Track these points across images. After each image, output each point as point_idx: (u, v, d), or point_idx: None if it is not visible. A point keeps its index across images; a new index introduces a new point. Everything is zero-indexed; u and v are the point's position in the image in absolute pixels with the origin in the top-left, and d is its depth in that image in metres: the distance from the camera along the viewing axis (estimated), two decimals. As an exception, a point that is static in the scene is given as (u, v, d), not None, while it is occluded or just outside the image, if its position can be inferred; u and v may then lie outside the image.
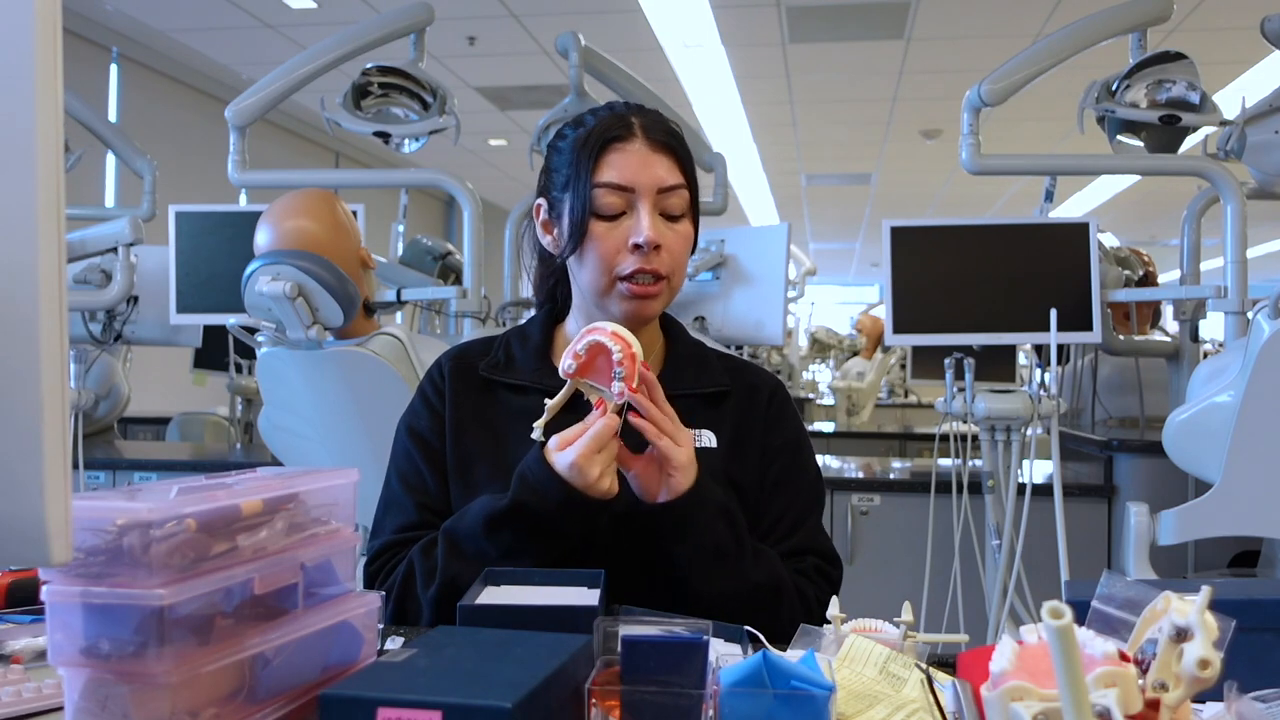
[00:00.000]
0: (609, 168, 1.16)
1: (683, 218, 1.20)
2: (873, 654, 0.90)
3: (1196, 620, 0.58)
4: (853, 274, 17.23)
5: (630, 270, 1.16)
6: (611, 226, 1.16)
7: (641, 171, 1.16)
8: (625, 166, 1.16)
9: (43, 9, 0.54)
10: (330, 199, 1.95)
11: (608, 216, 1.16)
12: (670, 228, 1.18)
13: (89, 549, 0.64)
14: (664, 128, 1.20)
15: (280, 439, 2.15)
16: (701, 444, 1.21)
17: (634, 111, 1.21)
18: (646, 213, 1.15)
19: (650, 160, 1.17)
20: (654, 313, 1.21)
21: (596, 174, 1.16)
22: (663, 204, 1.17)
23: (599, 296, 1.19)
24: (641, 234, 1.15)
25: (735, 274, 3.12)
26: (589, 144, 1.17)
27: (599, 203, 1.16)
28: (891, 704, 0.83)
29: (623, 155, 1.16)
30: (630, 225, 1.16)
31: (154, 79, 6.40)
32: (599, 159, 1.16)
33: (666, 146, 1.19)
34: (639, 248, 1.15)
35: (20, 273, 0.54)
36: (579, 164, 1.17)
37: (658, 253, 1.16)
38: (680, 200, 1.19)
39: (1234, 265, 2.44)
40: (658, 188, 1.17)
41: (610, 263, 1.16)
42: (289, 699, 0.74)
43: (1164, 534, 2.04)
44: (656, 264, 1.16)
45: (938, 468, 2.93)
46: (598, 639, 0.77)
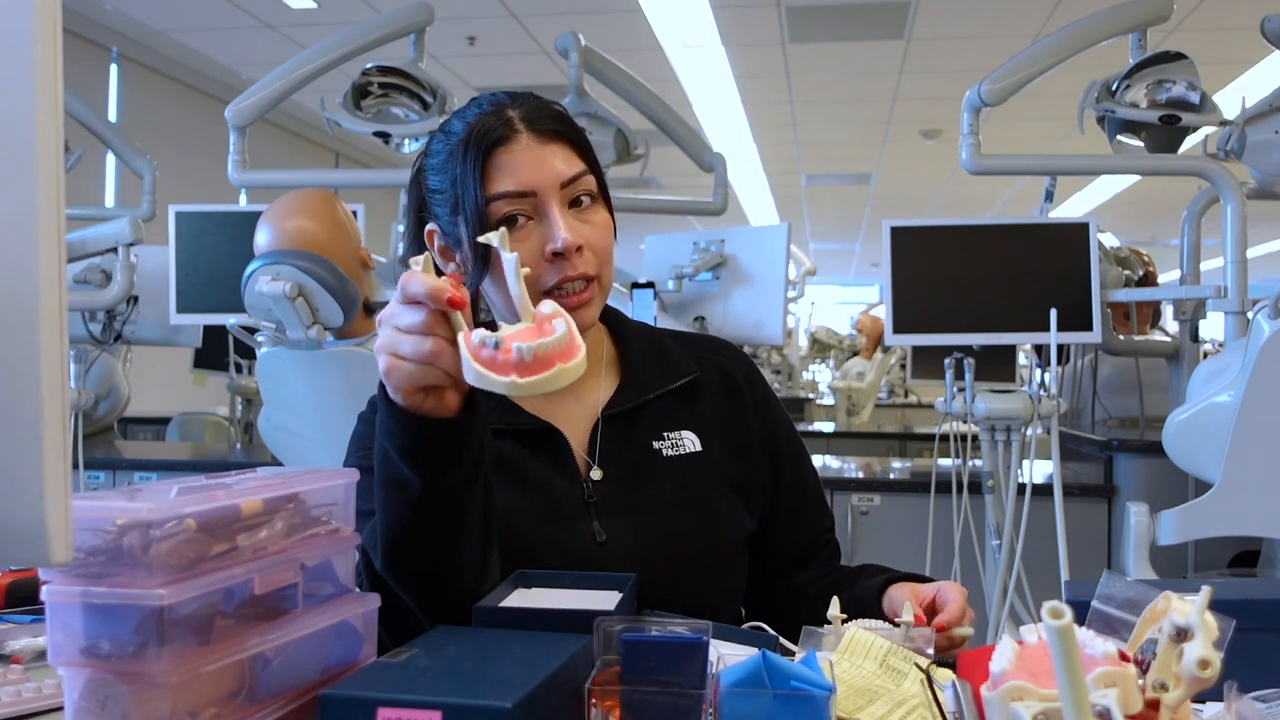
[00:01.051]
0: (499, 174, 1.01)
1: (595, 205, 1.06)
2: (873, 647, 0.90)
3: (1196, 620, 0.58)
4: (853, 274, 17.23)
5: (555, 281, 1.02)
6: (520, 240, 1.01)
7: (538, 170, 1.01)
8: (517, 169, 1.01)
9: (43, 9, 0.54)
10: (330, 199, 1.95)
11: (513, 230, 1.01)
12: (585, 221, 1.05)
13: (89, 549, 0.64)
14: (549, 112, 1.06)
15: (280, 439, 2.15)
16: (684, 451, 1.12)
17: (508, 103, 1.05)
18: (557, 213, 1.01)
19: (543, 155, 1.02)
20: (592, 319, 1.08)
21: (487, 185, 1.01)
22: (569, 197, 1.03)
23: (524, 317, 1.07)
24: (559, 239, 1.00)
25: (735, 274, 3.12)
26: (469, 152, 1.01)
27: (499, 215, 1.01)
28: (891, 699, 0.82)
29: (511, 156, 1.01)
30: (542, 232, 1.02)
31: (154, 79, 6.40)
32: (485, 167, 1.01)
33: (556, 134, 1.04)
34: (559, 255, 1.01)
35: (20, 273, 0.54)
36: (463, 178, 1.02)
37: (580, 254, 1.02)
38: (587, 187, 1.05)
39: (1234, 265, 2.44)
40: (560, 182, 1.02)
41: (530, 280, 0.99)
42: (289, 699, 0.74)
43: (1164, 534, 2.04)
44: (583, 267, 1.03)
45: (938, 468, 2.93)
46: (598, 639, 0.77)
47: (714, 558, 1.11)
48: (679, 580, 1.07)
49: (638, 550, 1.07)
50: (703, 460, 1.13)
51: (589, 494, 1.09)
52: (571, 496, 1.09)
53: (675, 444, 1.13)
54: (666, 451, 1.12)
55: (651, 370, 1.15)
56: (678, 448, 1.12)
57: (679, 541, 1.09)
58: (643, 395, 1.13)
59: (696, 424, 1.15)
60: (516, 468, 1.09)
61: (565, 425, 1.12)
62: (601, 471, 1.10)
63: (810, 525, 1.22)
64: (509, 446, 1.09)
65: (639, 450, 1.12)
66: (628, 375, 1.15)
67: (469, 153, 1.02)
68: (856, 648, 0.90)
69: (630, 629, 0.75)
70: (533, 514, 1.07)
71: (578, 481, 1.10)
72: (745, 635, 0.95)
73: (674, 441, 1.13)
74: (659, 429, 1.13)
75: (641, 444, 1.12)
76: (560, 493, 1.08)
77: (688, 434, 1.14)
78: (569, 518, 1.08)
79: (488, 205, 1.01)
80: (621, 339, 1.18)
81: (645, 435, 1.13)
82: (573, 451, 1.11)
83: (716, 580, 1.12)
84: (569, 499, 1.08)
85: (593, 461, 1.11)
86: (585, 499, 1.09)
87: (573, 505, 1.08)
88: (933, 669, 0.84)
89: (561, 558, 1.04)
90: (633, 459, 1.11)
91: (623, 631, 0.74)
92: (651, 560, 1.06)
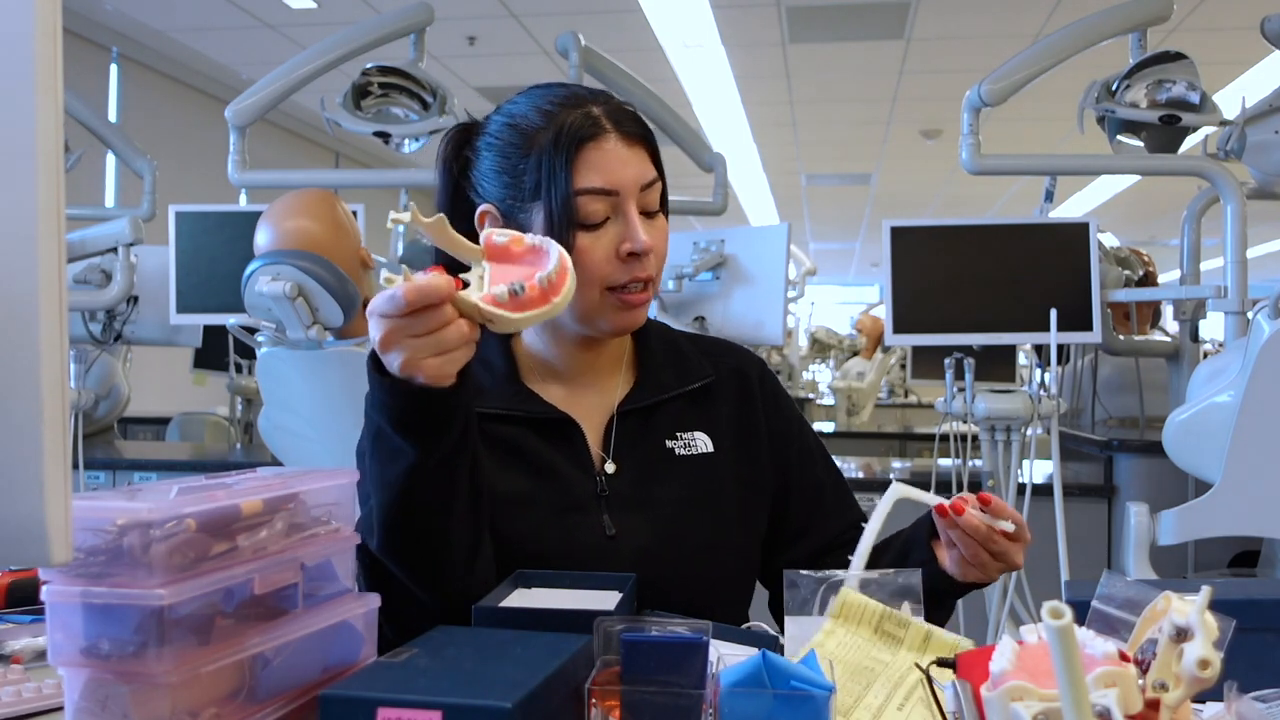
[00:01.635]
0: (588, 170, 1.03)
1: (659, 212, 1.10)
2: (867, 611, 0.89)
3: (1196, 620, 0.58)
4: (853, 274, 17.23)
5: (623, 281, 1.05)
6: (596, 236, 1.04)
7: (622, 171, 1.04)
8: (605, 168, 1.03)
9: (43, 9, 0.54)
10: (330, 199, 1.95)
11: (591, 226, 1.03)
12: (654, 225, 1.08)
13: (89, 549, 0.65)
14: (630, 115, 1.09)
15: (280, 439, 2.15)
16: (697, 451, 1.14)
17: (589, 99, 1.08)
18: (635, 216, 1.04)
19: (628, 157, 1.05)
20: (642, 320, 1.11)
21: (576, 179, 1.03)
22: (644, 201, 1.07)
23: (585, 311, 1.07)
24: (638, 241, 1.03)
25: (735, 274, 3.11)
26: (560, 144, 1.03)
27: (583, 211, 1.03)
28: (889, 681, 0.82)
29: (600, 154, 1.04)
30: (617, 232, 1.04)
31: (154, 79, 6.40)
32: (574, 161, 1.03)
33: (639, 138, 1.07)
34: (634, 255, 1.04)
35: (20, 273, 0.54)
36: (552, 168, 1.03)
37: (649, 257, 1.06)
38: (656, 194, 1.08)
39: (1234, 265, 2.44)
40: (640, 185, 1.05)
41: (599, 275, 1.04)
42: (289, 699, 0.74)
43: (1164, 534, 2.04)
44: (649, 269, 1.06)
45: (938, 468, 2.93)
46: (598, 639, 0.77)
47: (722, 557, 1.12)
48: (686, 578, 1.08)
49: (647, 545, 1.08)
50: (714, 462, 1.14)
51: (601, 487, 1.10)
52: (584, 488, 1.09)
53: (688, 444, 1.14)
54: (679, 450, 1.13)
55: (668, 371, 1.17)
56: (690, 448, 1.13)
57: (688, 539, 1.09)
58: (658, 395, 1.14)
59: (710, 426, 1.16)
60: (531, 455, 1.10)
61: (581, 418, 1.13)
62: (615, 465, 1.11)
63: (830, 524, 1.20)
64: (524, 434, 1.10)
65: (652, 447, 1.13)
66: (644, 375, 1.16)
67: (559, 145, 1.03)
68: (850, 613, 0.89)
69: (630, 629, 0.75)
70: (545, 502, 1.08)
71: (591, 474, 1.10)
72: (745, 635, 0.95)
73: (687, 442, 1.14)
74: (673, 429, 1.14)
75: (655, 441, 1.13)
76: (573, 483, 1.09)
77: (701, 435, 1.15)
78: (580, 509, 1.08)
79: (575, 198, 1.03)
80: (641, 339, 1.20)
81: (659, 433, 1.14)
82: (588, 443, 1.11)
83: (723, 579, 1.13)
84: (581, 490, 1.09)
85: (607, 455, 1.12)
86: (598, 492, 1.09)
87: (584, 496, 1.09)
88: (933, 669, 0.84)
89: (571, 549, 1.05)
90: (646, 455, 1.12)
91: (623, 631, 0.74)
92: (660, 556, 1.07)
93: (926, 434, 5.12)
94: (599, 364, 1.16)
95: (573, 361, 1.15)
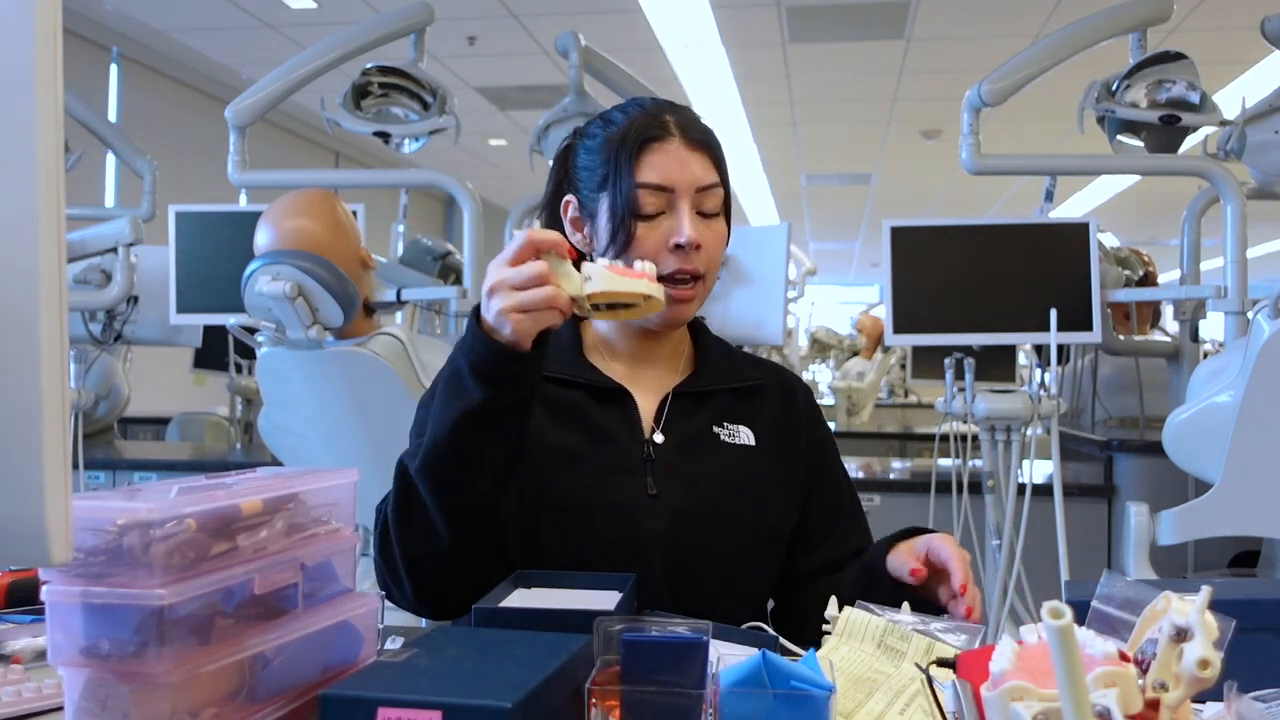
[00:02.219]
0: (649, 168, 1.16)
1: (718, 216, 1.20)
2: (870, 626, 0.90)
3: (1196, 620, 0.58)
4: (853, 274, 17.23)
5: (670, 271, 1.16)
6: (651, 227, 1.16)
7: (680, 171, 1.16)
8: (664, 166, 1.16)
9: (43, 9, 0.54)
10: (330, 199, 1.95)
11: (648, 216, 1.16)
12: (708, 226, 1.19)
13: (89, 549, 0.64)
14: (699, 125, 1.21)
15: (280, 439, 2.15)
16: (739, 441, 1.22)
17: (667, 109, 1.21)
18: (686, 212, 1.16)
19: (688, 159, 1.17)
20: (690, 314, 1.22)
21: (637, 174, 1.16)
22: (700, 203, 1.18)
23: None
24: (683, 234, 1.15)
25: (735, 274, 3.11)
26: (626, 143, 1.16)
27: (641, 203, 1.15)
28: (890, 690, 0.82)
29: (661, 155, 1.16)
30: (670, 225, 1.16)
31: (154, 79, 6.40)
32: (638, 159, 1.16)
33: (703, 145, 1.19)
34: (680, 248, 1.15)
35: (20, 273, 0.54)
36: (617, 163, 1.16)
37: (697, 252, 1.17)
38: (716, 199, 1.19)
39: (1234, 265, 2.43)
40: (696, 187, 1.17)
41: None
42: (289, 699, 0.74)
43: (1164, 534, 2.04)
44: (695, 263, 1.17)
45: (938, 468, 2.93)
46: (598, 639, 0.77)
47: (753, 537, 1.20)
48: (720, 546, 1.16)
49: (686, 508, 1.15)
50: (755, 454, 1.22)
51: (648, 453, 1.18)
52: (632, 452, 1.18)
53: (733, 434, 1.23)
54: (724, 437, 1.22)
55: (722, 368, 1.28)
56: (734, 437, 1.23)
57: (725, 512, 1.17)
58: (711, 384, 1.25)
59: (753, 422, 1.25)
60: (585, 416, 1.20)
61: (638, 393, 1.22)
62: (664, 437, 1.20)
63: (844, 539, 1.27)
64: (583, 399, 1.21)
65: (700, 429, 1.22)
66: (701, 366, 1.27)
67: (627, 141, 1.17)
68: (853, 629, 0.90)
69: (630, 629, 0.75)
70: (595, 460, 1.17)
71: (640, 440, 1.19)
72: (745, 635, 0.95)
73: (732, 432, 1.23)
74: (720, 418, 1.23)
75: (703, 425, 1.22)
76: (621, 445, 1.19)
77: (745, 429, 1.24)
78: (626, 469, 1.17)
79: (635, 190, 1.15)
80: (700, 341, 1.31)
81: (707, 418, 1.23)
82: (640, 415, 1.20)
83: (750, 561, 1.20)
84: (629, 453, 1.18)
85: (657, 427, 1.21)
86: (644, 456, 1.18)
87: (632, 459, 1.18)
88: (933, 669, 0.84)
89: (613, 502, 1.14)
90: (693, 434, 1.21)
91: (623, 631, 0.74)
92: (697, 518, 1.15)
93: (926, 434, 5.12)
94: (658, 352, 1.26)
95: (633, 347, 1.26)
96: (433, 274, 3.26)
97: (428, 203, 10.59)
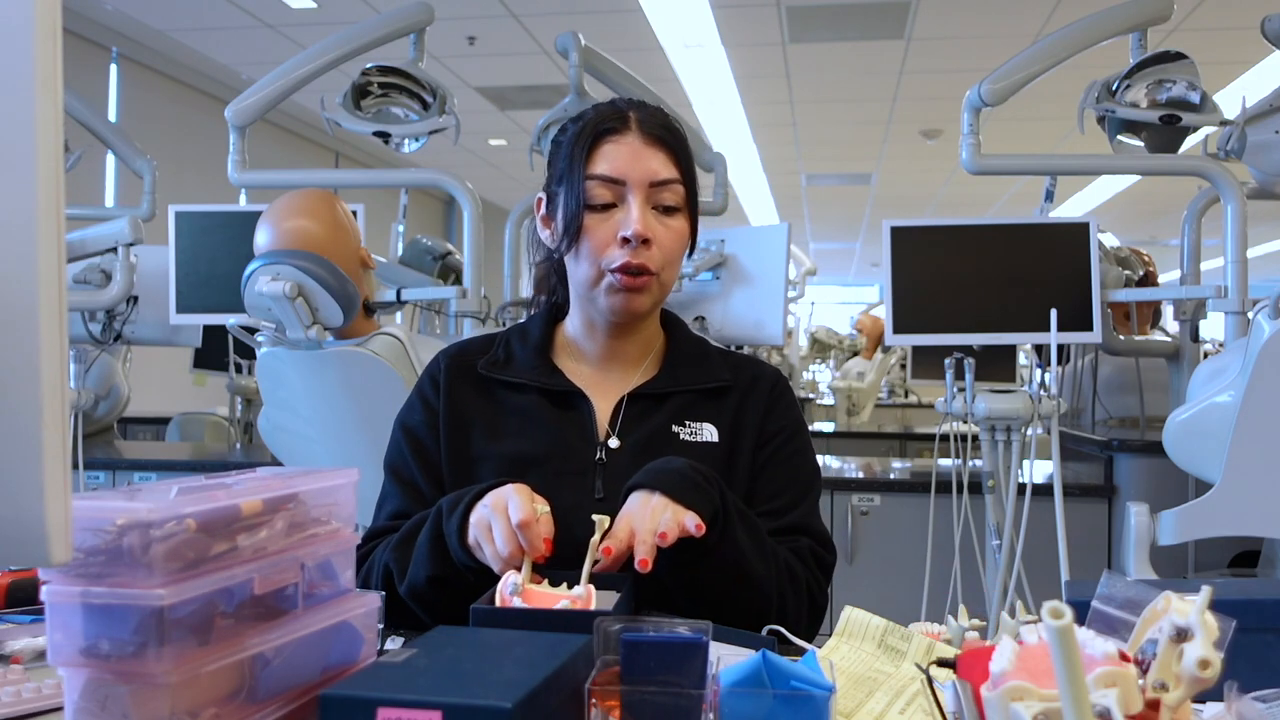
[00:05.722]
0: (601, 159, 1.15)
1: (677, 213, 1.18)
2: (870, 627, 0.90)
3: (1196, 620, 0.58)
4: (853, 274, 17.23)
5: (618, 264, 1.14)
6: (603, 218, 1.15)
7: (633, 164, 1.15)
8: (617, 158, 1.15)
9: (43, 9, 0.54)
10: (330, 199, 1.95)
11: (598, 208, 1.15)
12: (662, 222, 1.16)
13: (89, 549, 0.64)
14: (660, 121, 1.19)
15: (280, 439, 2.15)
16: (701, 439, 1.19)
17: (633, 106, 1.20)
18: (636, 205, 1.14)
19: (643, 153, 1.16)
20: (642, 307, 1.18)
21: (589, 166, 1.15)
22: (655, 198, 1.16)
23: (589, 289, 1.18)
24: (630, 226, 1.13)
25: (735, 274, 3.11)
26: (583, 136, 1.16)
27: (590, 194, 1.14)
28: (890, 689, 0.82)
29: (615, 147, 1.16)
30: (620, 218, 1.14)
31: (154, 79, 6.40)
32: (592, 151, 1.16)
33: (661, 140, 1.17)
34: (627, 241, 1.13)
35: (20, 273, 0.54)
36: (573, 157, 1.16)
37: (647, 247, 1.14)
38: (674, 195, 1.17)
39: (1234, 265, 2.43)
40: (650, 181, 1.15)
41: (598, 254, 1.15)
42: (289, 699, 0.74)
43: (1164, 534, 2.04)
44: (644, 258, 1.14)
45: (938, 468, 2.93)
46: (598, 639, 0.77)
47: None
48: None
49: None
50: (717, 450, 1.19)
51: (600, 457, 1.17)
52: (584, 456, 1.17)
53: (695, 432, 1.20)
54: (684, 436, 1.20)
55: (689, 370, 1.25)
56: (696, 435, 1.20)
57: None
58: (673, 386, 1.22)
59: (719, 419, 1.22)
60: (541, 422, 1.19)
61: (597, 396, 1.21)
62: (619, 441, 1.19)
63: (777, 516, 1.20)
64: (541, 404, 1.19)
65: (658, 430, 1.20)
66: (666, 367, 1.25)
67: (583, 134, 1.17)
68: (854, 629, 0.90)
69: (630, 629, 0.75)
70: (545, 466, 1.15)
71: (593, 444, 1.18)
72: (745, 636, 0.95)
73: (694, 429, 1.20)
74: (681, 417, 1.21)
75: (661, 425, 1.20)
76: (574, 450, 1.17)
77: (709, 426, 1.21)
78: (576, 473, 1.15)
79: (584, 181, 1.15)
80: (674, 339, 1.29)
81: (667, 419, 1.20)
82: (596, 419, 1.19)
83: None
84: (581, 458, 1.17)
85: (613, 432, 1.19)
86: (595, 460, 1.17)
87: (582, 464, 1.16)
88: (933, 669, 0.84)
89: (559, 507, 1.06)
90: (650, 436, 1.19)
91: (623, 631, 0.74)
92: None
93: (926, 434, 5.12)
94: (627, 352, 1.24)
95: (601, 348, 1.24)
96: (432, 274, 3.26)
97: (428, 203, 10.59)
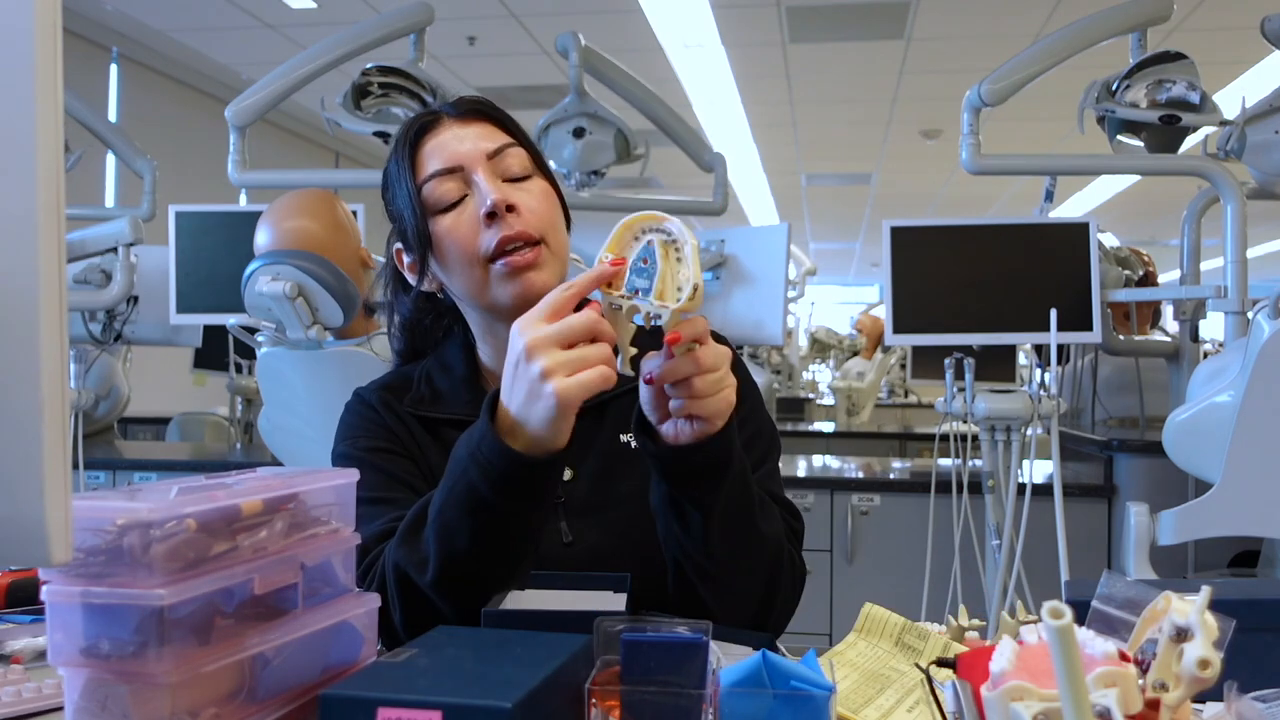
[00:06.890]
0: (427, 158, 1.07)
1: (530, 177, 1.09)
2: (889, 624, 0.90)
3: (1196, 620, 0.58)
4: (853, 274, 17.22)
5: (495, 244, 1.03)
6: (458, 214, 1.05)
7: (459, 145, 1.07)
8: (442, 148, 1.07)
9: (43, 9, 0.54)
10: (330, 199, 1.95)
11: (447, 207, 1.06)
12: (521, 188, 1.07)
13: (89, 549, 0.64)
14: (469, 101, 1.12)
15: (280, 439, 2.15)
16: None
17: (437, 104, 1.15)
18: (484, 179, 1.05)
19: (463, 134, 1.08)
20: (544, 284, 1.05)
21: (418, 172, 1.07)
22: (500, 169, 1.07)
23: (480, 293, 1.06)
24: (487, 199, 1.03)
25: (735, 274, 3.12)
26: (401, 146, 1.09)
27: (433, 196, 1.06)
28: (902, 687, 0.83)
29: (436, 138, 1.08)
30: (477, 200, 1.05)
31: (154, 79, 6.40)
32: (415, 155, 1.08)
33: (477, 114, 1.10)
34: (492, 216, 1.03)
35: (20, 273, 0.54)
36: (399, 171, 1.08)
37: (516, 214, 1.04)
38: (518, 159, 1.08)
39: (1234, 265, 2.44)
40: (485, 154, 1.07)
41: (470, 249, 1.04)
42: (289, 699, 0.74)
43: (1164, 534, 2.04)
44: (520, 226, 1.04)
45: (938, 468, 2.93)
46: (598, 639, 0.77)
47: None
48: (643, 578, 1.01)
49: (601, 546, 1.06)
50: None
51: (558, 494, 1.07)
52: None
53: None
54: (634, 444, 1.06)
55: None
56: None
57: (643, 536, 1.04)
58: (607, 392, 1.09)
59: None
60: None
61: None
62: (572, 471, 1.09)
63: None
64: None
65: (607, 444, 1.11)
66: None
67: (399, 148, 1.09)
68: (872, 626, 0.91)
69: (630, 629, 0.75)
70: None
71: None
72: (745, 635, 0.95)
73: None
74: (626, 423, 1.10)
75: (609, 438, 1.11)
76: None
77: None
78: None
79: (420, 190, 1.06)
80: None
81: (613, 428, 1.12)
82: None
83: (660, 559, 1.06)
84: None
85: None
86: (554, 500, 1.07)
87: None
88: (933, 669, 0.84)
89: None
90: (602, 454, 1.10)
91: (623, 631, 0.74)
92: (615, 557, 1.05)
93: (926, 434, 5.12)
94: None
95: None
96: (433, 274, 3.25)
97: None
